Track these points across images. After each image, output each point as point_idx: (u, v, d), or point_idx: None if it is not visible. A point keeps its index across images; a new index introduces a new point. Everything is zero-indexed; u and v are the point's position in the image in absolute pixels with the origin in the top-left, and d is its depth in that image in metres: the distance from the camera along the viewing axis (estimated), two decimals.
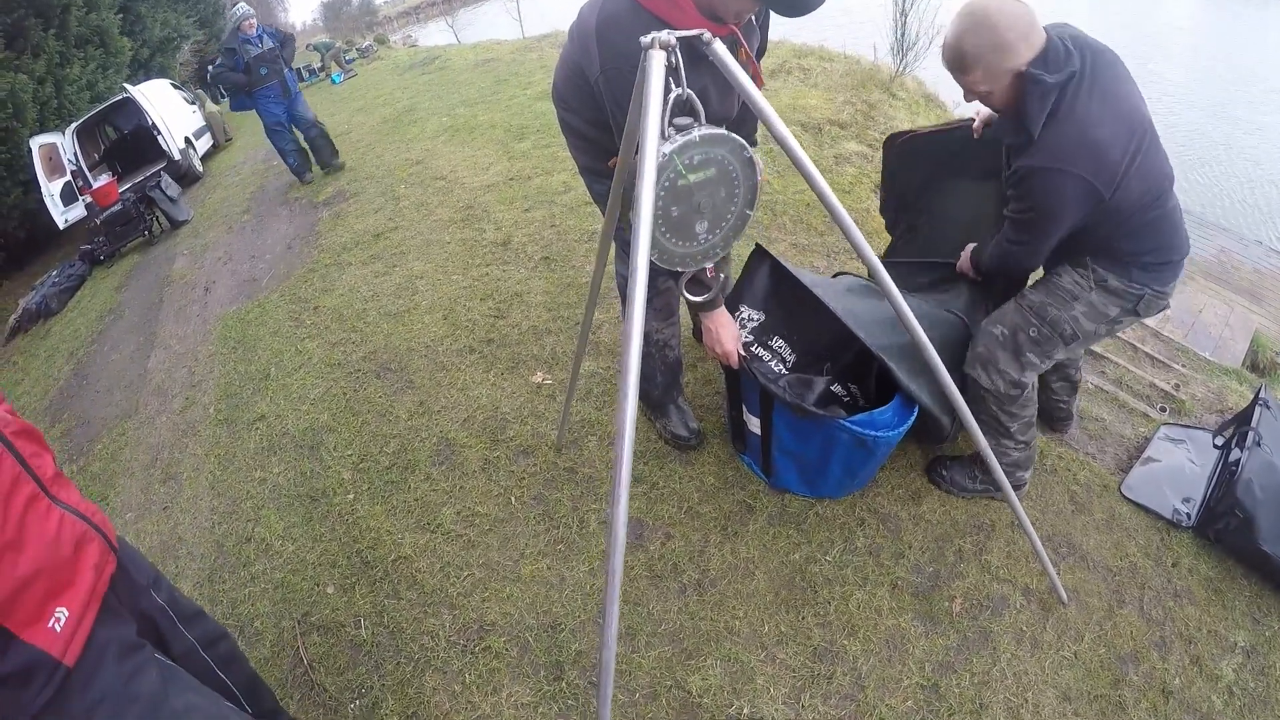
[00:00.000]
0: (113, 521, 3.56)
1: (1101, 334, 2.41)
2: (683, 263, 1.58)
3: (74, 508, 1.49)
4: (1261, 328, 5.00)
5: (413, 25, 41.51)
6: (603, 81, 1.99)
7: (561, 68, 2.31)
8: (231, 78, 7.56)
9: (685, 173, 1.41)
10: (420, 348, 4.05)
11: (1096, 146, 1.96)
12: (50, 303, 7.75)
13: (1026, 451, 2.61)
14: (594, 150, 2.37)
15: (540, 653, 2.44)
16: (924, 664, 2.30)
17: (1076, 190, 2.01)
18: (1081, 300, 2.34)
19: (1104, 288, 2.31)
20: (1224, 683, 2.27)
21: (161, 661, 1.57)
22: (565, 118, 2.39)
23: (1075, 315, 2.35)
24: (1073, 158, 1.98)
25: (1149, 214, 2.13)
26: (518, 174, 6.14)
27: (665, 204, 1.44)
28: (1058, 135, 1.98)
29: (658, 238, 1.49)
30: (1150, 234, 2.21)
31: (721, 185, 1.50)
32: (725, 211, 1.55)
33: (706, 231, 1.55)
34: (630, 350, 1.20)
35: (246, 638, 2.74)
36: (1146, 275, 2.27)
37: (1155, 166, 2.07)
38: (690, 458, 3.00)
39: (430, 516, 2.98)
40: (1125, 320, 2.37)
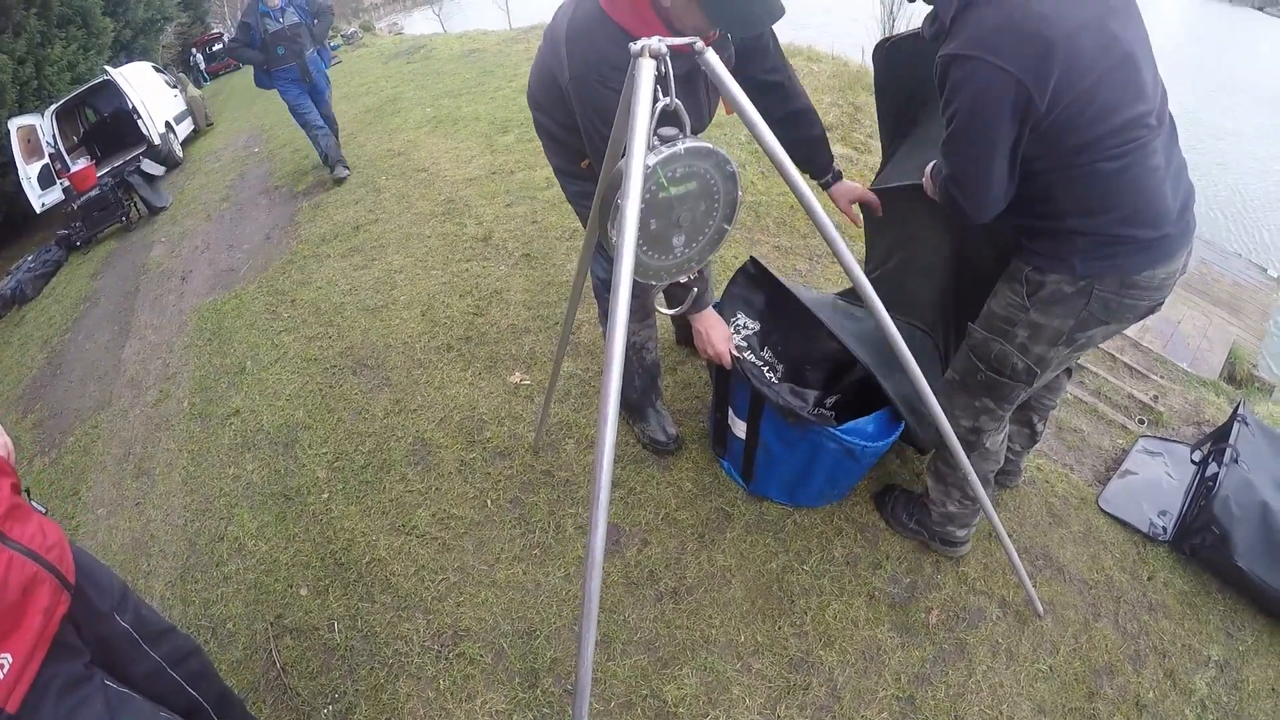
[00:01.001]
0: (84, 517, 3.55)
1: (1064, 356, 2.03)
2: (657, 276, 1.56)
3: (26, 546, 1.44)
4: (1239, 339, 5.04)
5: (398, 12, 41.20)
6: (572, 88, 1.98)
7: (535, 69, 2.29)
8: (245, 55, 6.73)
9: (667, 185, 1.38)
10: (398, 344, 4.01)
11: (1024, 31, 1.58)
12: (25, 288, 7.63)
13: (966, 508, 2.41)
14: (566, 152, 2.35)
15: (515, 659, 2.42)
16: (900, 675, 2.29)
17: (997, 85, 1.61)
18: (1020, 324, 1.99)
19: (1040, 301, 1.93)
20: (1197, 696, 2.27)
21: (112, 690, 1.54)
22: (539, 119, 2.38)
23: (1022, 344, 2.01)
24: (991, 44, 1.61)
25: (1107, 159, 1.68)
26: (500, 168, 6.09)
27: (645, 216, 1.40)
28: (977, 18, 1.64)
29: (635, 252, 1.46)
30: (1100, 188, 1.74)
31: (702, 199, 1.48)
32: (703, 225, 1.53)
33: (683, 245, 1.53)
34: (611, 372, 1.18)
35: (219, 639, 2.71)
36: (1093, 264, 1.83)
37: (1129, 91, 1.66)
38: (668, 463, 2.98)
39: (405, 518, 2.95)
40: (1090, 331, 1.96)
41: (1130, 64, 1.65)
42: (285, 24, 6.59)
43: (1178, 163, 1.82)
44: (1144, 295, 1.88)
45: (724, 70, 1.32)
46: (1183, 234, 1.84)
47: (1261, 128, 14.57)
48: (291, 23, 6.62)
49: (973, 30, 1.63)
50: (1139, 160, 1.70)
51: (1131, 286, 1.85)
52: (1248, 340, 5.27)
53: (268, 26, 6.53)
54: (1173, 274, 1.88)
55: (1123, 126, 1.65)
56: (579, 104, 1.99)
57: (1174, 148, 1.81)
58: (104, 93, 12.02)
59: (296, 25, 6.66)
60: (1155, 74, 1.72)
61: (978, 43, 1.62)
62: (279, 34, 6.57)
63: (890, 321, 1.69)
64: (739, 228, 4.51)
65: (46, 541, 1.51)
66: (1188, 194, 1.85)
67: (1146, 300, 1.90)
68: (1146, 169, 1.71)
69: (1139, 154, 1.69)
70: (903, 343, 1.73)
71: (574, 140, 2.23)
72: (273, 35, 6.55)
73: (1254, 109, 15.54)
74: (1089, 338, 1.99)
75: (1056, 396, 2.56)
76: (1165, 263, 1.83)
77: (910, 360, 1.76)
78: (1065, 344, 1.97)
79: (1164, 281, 1.87)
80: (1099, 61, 1.60)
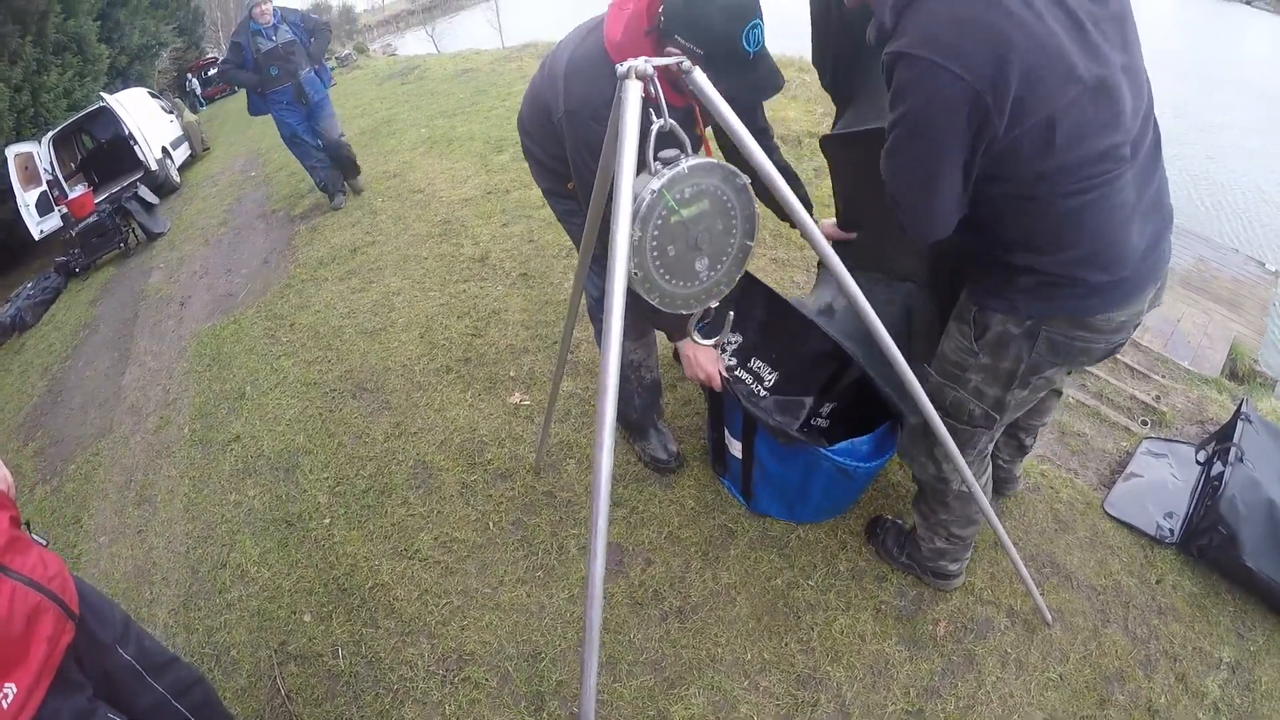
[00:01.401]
0: (87, 545, 3.54)
1: (1023, 399, 1.89)
2: (686, 304, 1.52)
3: (27, 576, 1.45)
4: (1240, 335, 5.03)
5: (392, 34, 41.36)
6: (565, 121, 2.00)
7: (529, 98, 2.34)
8: (238, 76, 6.33)
9: (677, 208, 1.35)
10: (397, 367, 4.00)
11: (984, 28, 1.33)
12: (25, 316, 7.64)
13: (955, 544, 2.35)
14: (553, 176, 2.39)
15: (521, 683, 2.41)
16: (909, 689, 2.27)
17: (950, 94, 1.37)
18: (971, 369, 1.86)
19: (988, 344, 1.79)
20: (1210, 699, 2.25)
21: None
22: (527, 145, 2.43)
23: (976, 389, 1.88)
24: (945, 42, 1.35)
25: (1065, 194, 1.48)
26: (496, 187, 6.10)
27: (660, 243, 1.38)
28: (929, 10, 1.39)
29: (657, 281, 1.43)
30: (1054, 226, 1.55)
31: (718, 217, 1.44)
32: (725, 245, 1.48)
33: (708, 269, 1.49)
34: (605, 401, 1.16)
35: (223, 667, 2.70)
36: (1037, 304, 1.67)
37: (1102, 120, 1.43)
38: (670, 481, 2.97)
39: (408, 542, 2.94)
40: (1044, 373, 1.80)
41: (1108, 88, 1.42)
42: (278, 42, 6.18)
43: (1153, 192, 1.62)
44: (1098, 339, 1.71)
45: (713, 90, 1.30)
46: (1149, 272, 1.66)
47: (1250, 121, 14.60)
48: (285, 40, 6.22)
49: (923, 25, 1.39)
50: (1102, 198, 1.50)
51: (1084, 329, 1.68)
52: (1249, 336, 5.26)
53: (260, 45, 6.14)
54: (1135, 314, 1.70)
55: (1089, 159, 1.45)
56: (570, 138, 2.02)
57: (1152, 174, 1.61)
58: (100, 119, 12.04)
59: (291, 43, 6.25)
60: (1141, 95, 1.51)
61: (929, 41, 1.37)
62: (272, 53, 6.17)
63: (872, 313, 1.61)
64: None
65: (48, 572, 1.51)
66: (1161, 226, 1.66)
67: (1101, 343, 1.73)
68: (1110, 207, 1.51)
69: (1103, 190, 1.49)
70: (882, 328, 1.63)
71: (561, 168, 2.26)
72: (265, 54, 6.16)
73: (1243, 102, 15.58)
74: (1045, 379, 1.84)
75: (1045, 418, 2.48)
76: (1122, 306, 1.66)
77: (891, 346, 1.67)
78: (1020, 386, 1.83)
79: (1123, 324, 1.70)
80: (1070, 83, 1.38)
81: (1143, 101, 1.53)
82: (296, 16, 6.40)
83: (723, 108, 1.32)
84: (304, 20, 6.47)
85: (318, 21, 6.67)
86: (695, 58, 1.70)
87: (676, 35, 1.75)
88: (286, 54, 6.23)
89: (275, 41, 6.19)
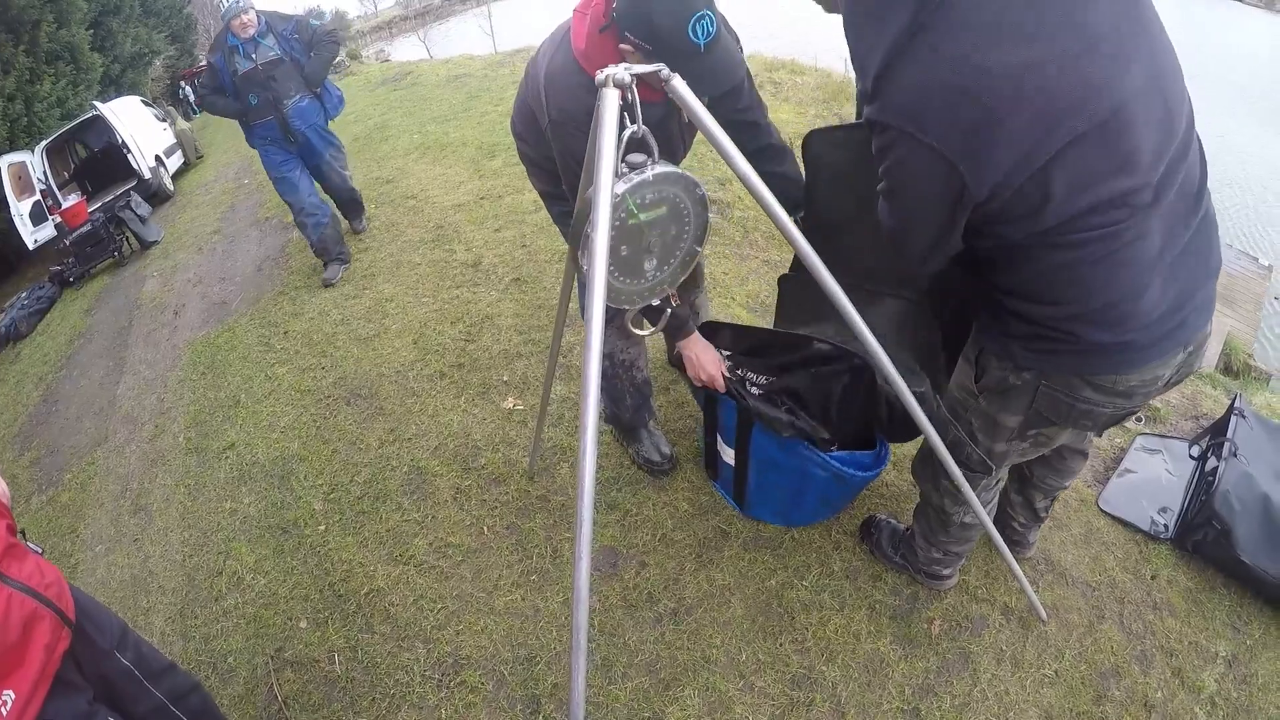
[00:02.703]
0: (83, 555, 3.53)
1: (1023, 451, 1.80)
2: (629, 300, 1.57)
3: (24, 584, 1.46)
4: (1234, 330, 5.04)
5: (384, 40, 41.33)
6: (550, 131, 2.05)
7: (520, 102, 2.37)
8: (216, 105, 5.00)
9: (636, 212, 1.39)
10: (390, 373, 4.00)
11: (954, 93, 1.23)
12: (19, 326, 7.62)
13: (951, 556, 2.33)
14: (548, 177, 2.41)
15: (516, 686, 2.40)
16: (904, 687, 2.27)
17: (922, 165, 1.31)
18: (972, 411, 1.78)
19: (987, 389, 1.70)
20: (1206, 694, 2.26)
21: None
22: (522, 148, 2.48)
23: (973, 433, 1.81)
24: (914, 111, 1.27)
25: (1061, 246, 1.34)
26: (488, 192, 6.10)
27: (615, 243, 1.41)
28: (902, 73, 1.27)
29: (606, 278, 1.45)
30: (1046, 277, 1.41)
31: (673, 223, 1.48)
32: (674, 248, 1.53)
33: (654, 268, 1.53)
34: (588, 399, 1.16)
35: (220, 674, 2.69)
36: (1034, 357, 1.54)
37: (1108, 162, 1.26)
38: (664, 483, 2.97)
39: (402, 548, 2.93)
40: (1043, 429, 1.69)
41: (1117, 124, 1.24)
42: (259, 61, 4.82)
43: (1190, 242, 1.40)
44: (1105, 401, 1.53)
45: (691, 96, 1.31)
46: (1171, 335, 1.44)
47: (1242, 117, 14.63)
48: (268, 60, 4.84)
49: (894, 91, 1.30)
50: (1110, 248, 1.33)
51: (1087, 388, 1.52)
52: (1242, 331, 5.27)
53: (237, 66, 4.80)
54: (1150, 381, 1.50)
55: (1093, 209, 1.29)
56: (556, 146, 2.07)
57: (1187, 219, 1.39)
58: (94, 128, 12.04)
59: (275, 63, 4.87)
60: (1167, 123, 1.30)
61: (898, 109, 1.29)
62: (250, 76, 4.82)
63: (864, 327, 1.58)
64: (728, 244, 4.52)
65: (44, 579, 1.53)
66: (1196, 282, 1.44)
67: (1109, 407, 1.54)
68: (1120, 260, 1.34)
69: (1111, 241, 1.32)
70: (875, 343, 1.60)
71: (555, 168, 2.27)
72: (243, 78, 4.81)
73: (1234, 98, 15.62)
74: (1046, 436, 1.72)
75: (1066, 480, 2.28)
76: (1129, 370, 1.48)
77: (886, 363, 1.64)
78: (1019, 439, 1.73)
79: (1134, 389, 1.50)
80: (1063, 124, 1.22)
81: (1173, 129, 1.31)
82: (289, 26, 4.97)
83: (702, 114, 1.33)
84: (298, 29, 4.98)
85: (318, 31, 5.08)
86: (645, 54, 1.72)
87: (626, 32, 1.75)
88: (267, 78, 4.87)
89: (255, 61, 4.82)
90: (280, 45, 4.90)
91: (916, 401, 1.70)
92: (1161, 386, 1.54)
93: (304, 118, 5.10)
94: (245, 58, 4.80)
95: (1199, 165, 1.40)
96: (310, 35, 5.00)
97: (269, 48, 4.87)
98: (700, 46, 1.72)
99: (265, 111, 4.94)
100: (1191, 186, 1.38)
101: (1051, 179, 1.25)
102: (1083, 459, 2.24)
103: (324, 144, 5.39)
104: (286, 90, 4.93)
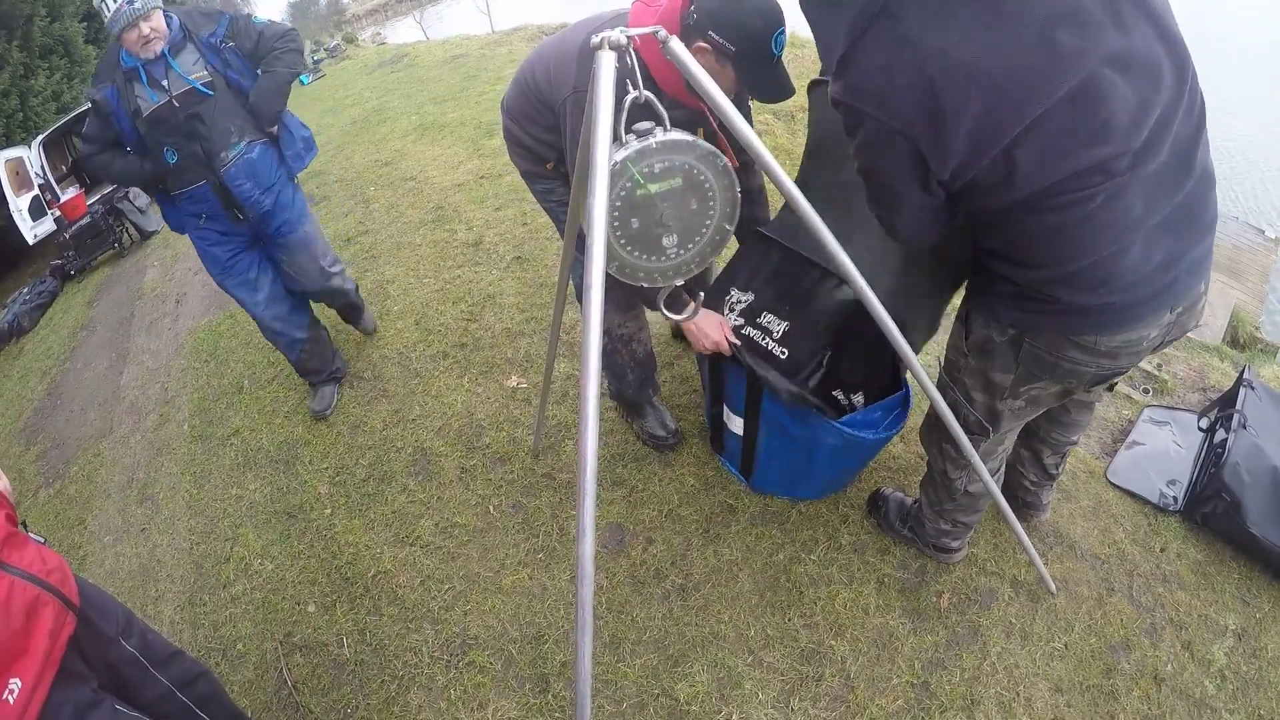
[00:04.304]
0: (91, 546, 3.54)
1: (1018, 410, 1.78)
2: (650, 278, 1.51)
3: (25, 571, 1.46)
4: (1240, 302, 5.01)
5: (381, 22, 41.16)
6: (571, 102, 2.05)
7: (518, 83, 2.39)
8: (113, 169, 3.17)
9: (644, 182, 1.33)
10: (393, 355, 3.99)
11: (910, 74, 1.25)
12: (22, 321, 7.61)
13: (960, 528, 2.33)
14: (532, 157, 2.47)
15: (525, 665, 2.41)
16: (913, 661, 2.27)
17: (884, 142, 1.34)
18: (964, 371, 1.79)
19: (974, 348, 1.71)
20: (1216, 667, 2.25)
21: (122, 715, 1.56)
22: (508, 125, 2.50)
23: (968, 394, 1.81)
24: (872, 90, 1.30)
25: (1038, 211, 1.34)
26: (488, 171, 6.06)
27: (623, 215, 1.37)
28: (864, 52, 1.30)
29: (616, 250, 1.42)
30: (1024, 240, 1.43)
31: (691, 197, 1.41)
32: (698, 225, 1.47)
33: (676, 246, 1.48)
34: (589, 382, 1.15)
35: (229, 660, 2.71)
36: (1018, 315, 1.55)
37: (1082, 133, 1.25)
38: (669, 459, 2.97)
39: (409, 529, 2.94)
40: (1033, 386, 1.67)
41: (1087, 96, 1.22)
42: (174, 93, 2.93)
43: (1179, 205, 1.38)
44: (1089, 360, 1.54)
45: (689, 57, 1.27)
46: (1156, 296, 1.44)
47: (1247, 90, 14.49)
48: (181, 91, 2.94)
49: (855, 71, 1.33)
50: (1085, 210, 1.32)
51: (1071, 347, 1.53)
52: (1249, 303, 5.25)
53: (139, 105, 2.94)
54: (1134, 343, 1.51)
55: (1067, 178, 1.29)
56: (572, 119, 2.07)
57: (1177, 183, 1.37)
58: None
59: (192, 95, 2.96)
60: (1150, 86, 1.27)
61: (856, 90, 1.33)
62: (161, 118, 2.95)
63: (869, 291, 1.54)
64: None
65: (46, 566, 1.53)
66: (1185, 245, 1.43)
67: (1092, 367, 1.55)
68: (1097, 223, 1.34)
69: (1086, 204, 1.31)
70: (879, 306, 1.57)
71: (540, 148, 2.38)
72: (150, 121, 2.95)
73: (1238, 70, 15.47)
74: (1038, 392, 1.70)
75: (1070, 434, 2.26)
76: (1112, 330, 1.48)
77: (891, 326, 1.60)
78: (1012, 397, 1.73)
79: (1118, 349, 1.51)
80: (1024, 108, 1.22)
81: (1159, 89, 1.27)
82: (217, 30, 3.05)
83: (704, 79, 1.29)
84: (234, 33, 3.06)
85: (267, 33, 3.11)
86: (727, 54, 1.83)
87: (710, 31, 1.82)
88: (189, 118, 2.96)
89: (169, 95, 2.93)
90: (208, 62, 3.00)
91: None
92: (1148, 348, 1.55)
93: (255, 177, 3.14)
94: (153, 87, 2.91)
95: (1195, 122, 1.37)
96: (255, 42, 3.07)
97: (195, 62, 2.99)
98: (776, 57, 1.86)
99: (192, 173, 3.05)
100: (1183, 148, 1.36)
101: (1015, 158, 1.26)
102: (1088, 411, 2.23)
103: (290, 217, 3.34)
104: (224, 135, 3.03)
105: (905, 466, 2.82)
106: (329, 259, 3.63)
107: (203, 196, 3.13)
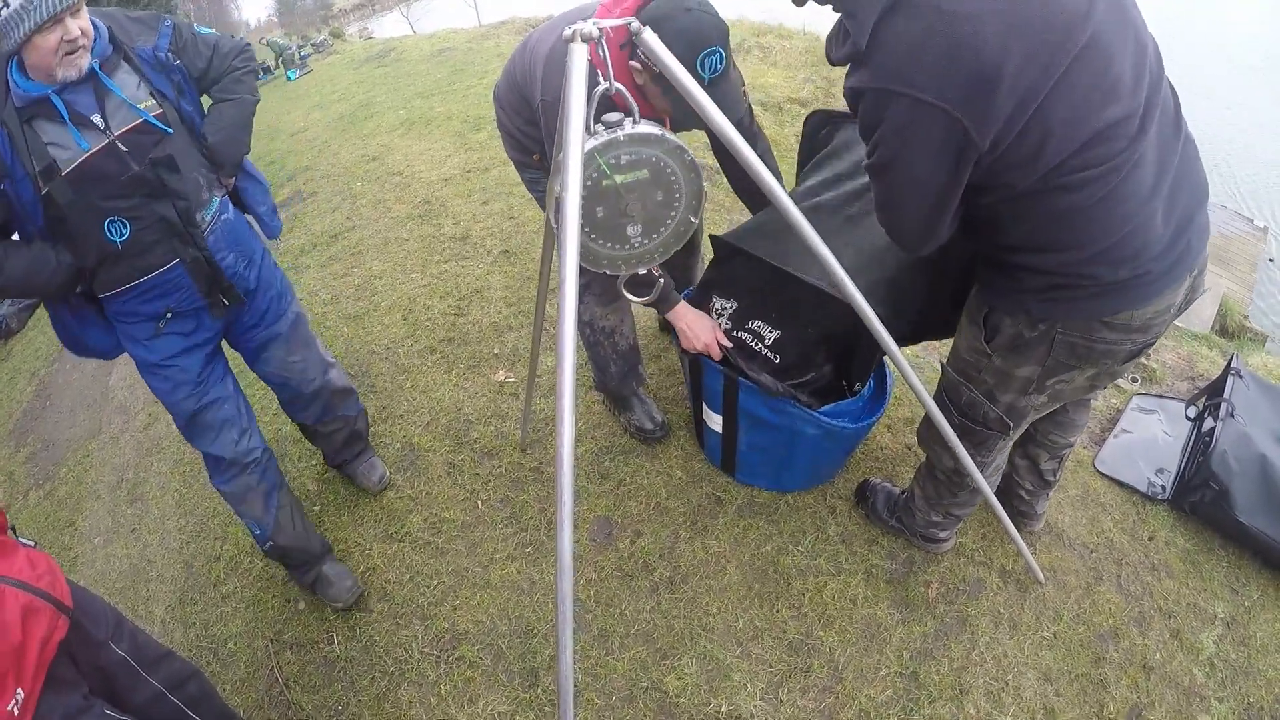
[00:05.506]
0: (82, 547, 3.52)
1: (1042, 404, 1.78)
2: (612, 265, 1.54)
3: (15, 578, 1.45)
4: (1229, 291, 5.03)
5: (368, 17, 41.01)
6: (543, 110, 2.09)
7: (508, 74, 2.41)
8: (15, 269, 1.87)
9: (610, 173, 1.35)
10: (381, 350, 3.97)
11: (951, 45, 1.22)
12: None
13: (951, 520, 2.33)
14: (521, 149, 2.50)
15: (514, 659, 2.40)
16: (902, 651, 2.27)
17: (924, 124, 1.30)
18: (986, 370, 1.75)
19: (1001, 347, 1.68)
20: (1205, 655, 2.26)
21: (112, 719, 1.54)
22: (500, 116, 2.52)
23: (989, 391, 1.78)
24: (909, 72, 1.26)
25: (1065, 189, 1.34)
26: (475, 165, 6.03)
27: (589, 204, 1.39)
28: (893, 34, 1.27)
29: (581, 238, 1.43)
30: (1055, 223, 1.41)
31: (657, 189, 1.44)
32: (662, 216, 1.49)
33: (640, 235, 1.50)
34: (565, 364, 1.14)
35: (221, 659, 2.69)
36: (1048, 306, 1.53)
37: (1097, 92, 1.28)
38: (656, 451, 2.96)
39: (397, 525, 2.92)
40: (1061, 376, 1.66)
41: (1096, 52, 1.26)
42: (115, 132, 1.91)
43: (1178, 167, 1.43)
44: (1122, 339, 1.54)
45: (664, 50, 1.27)
46: (1179, 261, 1.48)
47: (1236, 80, 14.54)
48: (129, 126, 1.94)
49: (887, 54, 1.29)
50: (1108, 186, 1.34)
51: (1105, 329, 1.53)
52: (1238, 292, 5.27)
53: (53, 158, 1.83)
54: (1163, 311, 1.53)
55: (1090, 142, 1.29)
56: (547, 124, 2.11)
57: (1173, 146, 1.43)
58: None
59: (152, 138, 1.98)
60: (1139, 53, 1.33)
61: (894, 73, 1.28)
62: (94, 175, 1.89)
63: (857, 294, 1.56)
64: (718, 209, 4.48)
65: (36, 570, 1.52)
66: (1192, 205, 1.48)
67: (1127, 344, 1.56)
68: (1120, 195, 1.35)
69: (1110, 177, 1.33)
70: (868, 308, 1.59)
71: (528, 141, 2.41)
72: (75, 180, 1.86)
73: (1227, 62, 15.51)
74: (1066, 382, 1.69)
75: (1069, 435, 2.26)
76: (1146, 303, 1.49)
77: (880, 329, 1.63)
78: (1038, 392, 1.72)
79: (1150, 321, 1.53)
80: (1055, 57, 1.24)
81: (1145, 59, 1.34)
82: (158, 37, 2.06)
83: (675, 68, 1.29)
84: (176, 41, 2.10)
85: (218, 43, 2.24)
86: (654, 76, 1.80)
87: (640, 52, 1.74)
88: (154, 170, 1.98)
89: (107, 131, 1.91)
90: (153, 86, 2.03)
91: None
92: (1174, 315, 1.58)
93: (239, 245, 2.36)
94: (79, 126, 1.88)
95: (1173, 93, 1.45)
96: (207, 60, 2.18)
97: (136, 83, 2.00)
98: (704, 80, 1.76)
99: (155, 251, 2.06)
100: (1170, 112, 1.42)
101: (1050, 114, 1.26)
102: (1086, 411, 2.26)
103: (275, 295, 2.62)
104: (196, 189, 2.12)
105: (892, 457, 2.83)
106: (320, 343, 2.86)
107: (173, 285, 2.14)
